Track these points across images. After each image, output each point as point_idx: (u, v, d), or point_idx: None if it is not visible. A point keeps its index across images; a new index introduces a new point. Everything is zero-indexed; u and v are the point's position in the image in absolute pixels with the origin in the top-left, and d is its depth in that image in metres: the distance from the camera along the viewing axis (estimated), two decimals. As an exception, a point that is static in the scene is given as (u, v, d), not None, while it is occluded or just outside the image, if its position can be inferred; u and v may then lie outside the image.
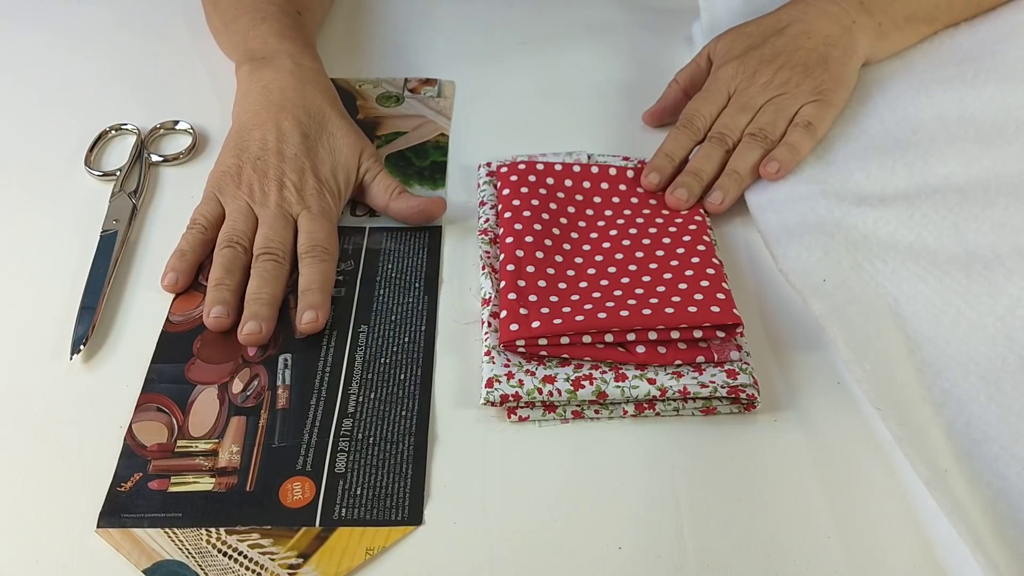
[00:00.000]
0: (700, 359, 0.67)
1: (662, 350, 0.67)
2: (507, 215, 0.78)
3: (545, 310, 0.69)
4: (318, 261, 0.75)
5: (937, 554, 0.59)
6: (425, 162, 0.88)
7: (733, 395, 0.66)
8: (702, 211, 0.81)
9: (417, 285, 0.77)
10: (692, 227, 0.77)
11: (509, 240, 0.75)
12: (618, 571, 0.59)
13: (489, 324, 0.71)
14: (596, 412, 0.67)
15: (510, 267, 0.73)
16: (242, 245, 0.75)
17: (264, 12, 0.92)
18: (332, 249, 0.77)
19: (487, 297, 0.73)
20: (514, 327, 0.68)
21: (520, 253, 0.74)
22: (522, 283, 0.72)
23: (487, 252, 0.77)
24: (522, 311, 0.69)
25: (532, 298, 0.70)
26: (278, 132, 0.81)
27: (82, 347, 0.70)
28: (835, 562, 0.59)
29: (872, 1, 0.90)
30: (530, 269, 0.73)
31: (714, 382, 0.66)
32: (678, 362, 0.67)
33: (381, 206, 0.82)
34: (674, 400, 0.67)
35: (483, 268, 0.76)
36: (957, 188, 0.76)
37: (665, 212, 0.81)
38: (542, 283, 0.72)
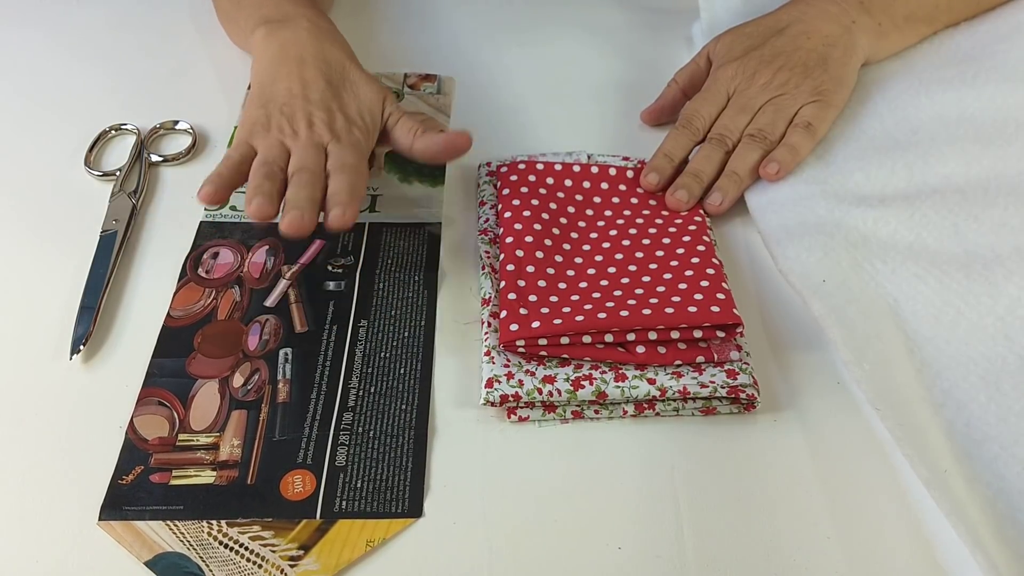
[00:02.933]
0: (700, 359, 0.67)
1: (662, 350, 0.67)
2: (507, 215, 0.78)
3: (545, 310, 0.69)
4: (346, 174, 0.74)
5: (937, 554, 0.59)
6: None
7: (733, 395, 0.66)
8: (702, 211, 0.81)
9: (417, 279, 0.77)
10: (692, 227, 0.78)
11: (509, 240, 0.75)
12: (617, 571, 0.59)
13: (489, 324, 0.71)
14: (596, 412, 0.67)
15: (510, 267, 0.73)
16: (278, 165, 0.75)
17: None
18: (362, 170, 0.76)
19: (487, 297, 0.73)
20: (514, 327, 0.68)
21: (520, 253, 0.74)
22: (522, 283, 0.72)
23: (487, 252, 0.77)
24: (522, 311, 0.69)
25: (532, 298, 0.70)
26: (302, 81, 0.81)
27: (82, 347, 0.70)
28: (835, 562, 0.59)
29: (872, 1, 0.90)
30: (530, 269, 0.73)
31: (714, 382, 0.66)
32: (678, 362, 0.67)
33: (406, 147, 0.82)
34: (674, 400, 0.67)
35: (483, 268, 0.76)
36: (957, 188, 0.76)
37: (665, 212, 0.81)
38: (542, 283, 0.72)
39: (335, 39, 0.87)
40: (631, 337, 0.67)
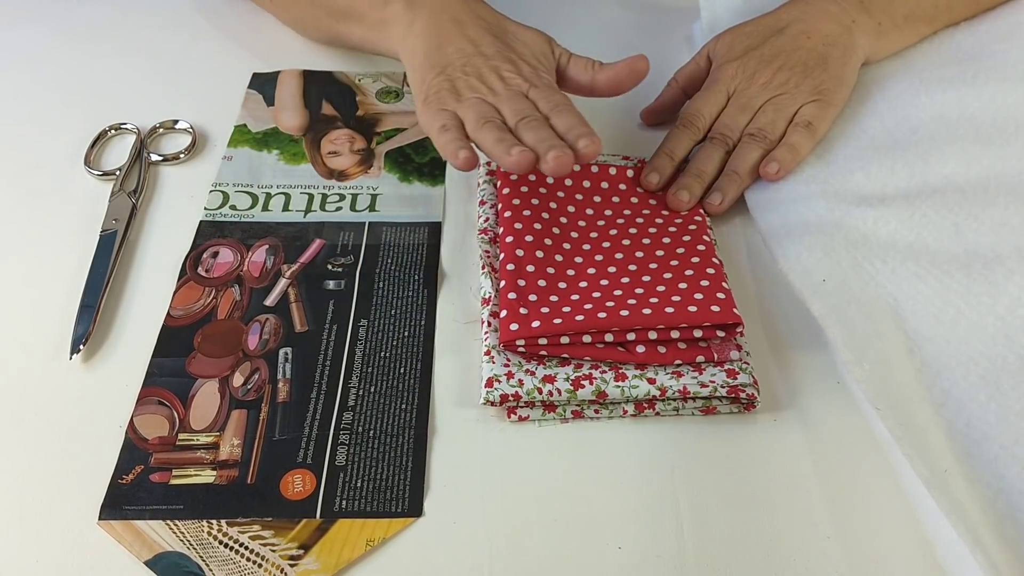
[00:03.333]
0: (700, 359, 0.67)
1: (662, 350, 0.67)
2: (507, 214, 0.78)
3: (545, 309, 0.69)
4: (567, 111, 0.74)
5: (937, 554, 0.59)
6: (425, 158, 0.88)
7: (733, 395, 0.66)
8: (702, 211, 0.81)
9: (417, 278, 0.77)
10: (692, 227, 0.78)
11: (509, 239, 0.75)
12: (618, 571, 0.59)
13: (489, 324, 0.71)
14: (596, 412, 0.67)
15: (510, 267, 0.73)
16: (496, 120, 0.75)
17: None
18: (571, 106, 0.76)
19: (487, 297, 0.73)
20: (514, 327, 0.67)
21: (520, 252, 0.74)
22: (522, 282, 0.72)
23: (487, 252, 0.77)
24: (522, 311, 0.69)
25: (532, 297, 0.70)
26: (469, 40, 0.81)
27: (82, 346, 0.70)
28: (835, 562, 0.59)
29: (872, 1, 0.90)
30: (530, 268, 0.73)
31: (714, 382, 0.66)
32: (678, 361, 0.67)
33: (586, 83, 0.83)
34: (674, 400, 0.67)
35: (483, 268, 0.76)
36: (957, 188, 0.76)
37: (665, 212, 0.81)
38: (542, 283, 0.72)
39: None
40: (631, 337, 0.67)
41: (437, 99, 0.78)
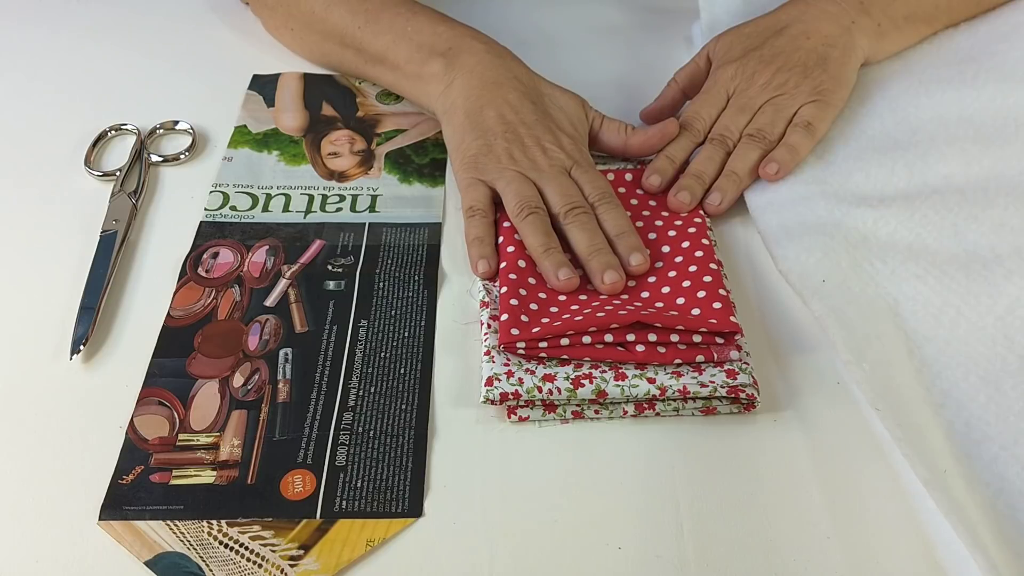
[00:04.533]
0: (700, 358, 0.67)
1: (661, 350, 0.67)
2: (506, 224, 0.77)
3: (546, 320, 0.69)
4: (614, 207, 0.77)
5: (937, 554, 0.59)
6: (425, 159, 0.88)
7: (733, 395, 0.66)
8: (702, 212, 0.81)
9: (417, 279, 0.77)
10: (692, 229, 0.77)
11: (511, 249, 0.75)
12: (617, 571, 0.58)
13: (489, 326, 0.71)
14: (596, 412, 0.67)
15: (512, 276, 0.73)
16: (540, 208, 0.76)
17: (404, 5, 0.92)
18: (614, 195, 0.79)
19: (486, 300, 0.73)
20: (515, 331, 0.67)
21: (522, 263, 0.74)
22: (523, 291, 0.72)
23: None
24: (523, 318, 0.69)
25: (533, 307, 0.70)
26: (510, 105, 0.82)
27: (82, 347, 0.70)
28: (835, 562, 0.59)
29: (871, 1, 0.90)
30: (531, 281, 0.73)
31: (714, 382, 0.66)
32: (678, 361, 0.67)
33: (619, 146, 0.85)
34: (674, 400, 0.67)
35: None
36: (957, 188, 0.76)
37: (665, 213, 0.80)
38: (543, 295, 0.72)
39: (512, 55, 0.88)
40: (631, 337, 0.67)
41: (475, 163, 0.79)
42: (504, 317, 0.69)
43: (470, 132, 0.81)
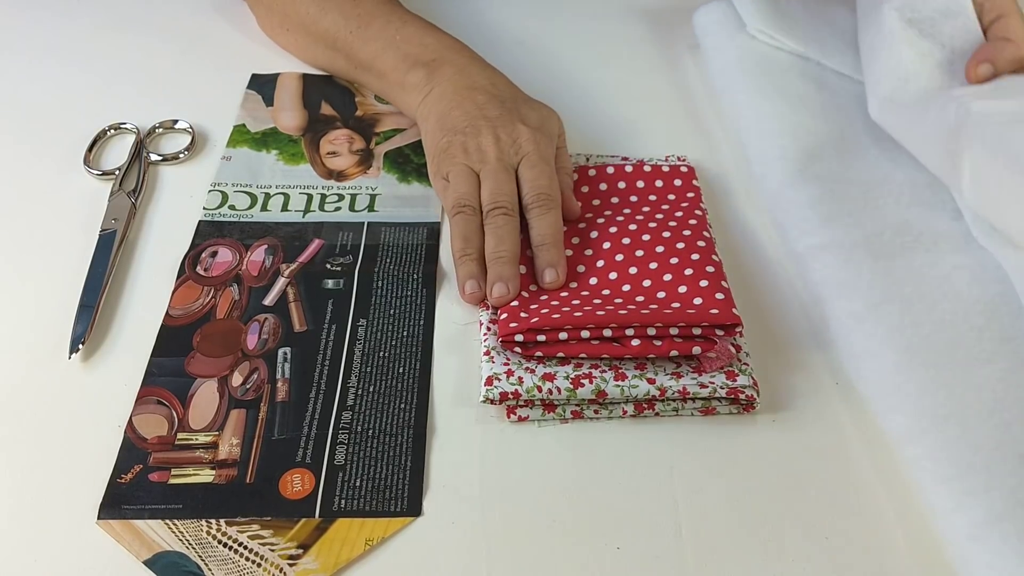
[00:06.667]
0: (696, 350, 0.67)
1: (658, 343, 0.67)
2: None
3: (545, 311, 0.69)
4: (545, 211, 0.76)
5: (937, 554, 0.59)
6: (423, 159, 0.88)
7: (732, 396, 0.66)
8: (701, 206, 0.80)
9: (415, 278, 0.77)
10: (692, 221, 0.77)
11: None
12: (617, 571, 0.59)
13: (488, 328, 0.71)
14: (595, 412, 0.67)
15: None
16: (471, 207, 0.76)
17: (396, 14, 0.92)
18: (555, 195, 0.77)
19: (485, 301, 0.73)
20: (513, 324, 0.68)
21: (522, 269, 0.74)
22: (524, 294, 0.72)
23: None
24: (522, 314, 0.69)
25: (533, 306, 0.70)
26: (477, 105, 0.82)
27: (81, 346, 0.70)
28: (835, 562, 0.59)
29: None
30: (533, 288, 0.73)
31: (713, 383, 0.66)
32: (674, 352, 0.67)
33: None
34: (673, 400, 0.67)
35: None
36: None
37: (664, 208, 0.80)
38: (544, 296, 0.72)
39: (495, 70, 0.88)
40: (629, 332, 0.67)
41: (439, 162, 0.80)
42: (503, 316, 0.70)
43: (438, 132, 0.82)
